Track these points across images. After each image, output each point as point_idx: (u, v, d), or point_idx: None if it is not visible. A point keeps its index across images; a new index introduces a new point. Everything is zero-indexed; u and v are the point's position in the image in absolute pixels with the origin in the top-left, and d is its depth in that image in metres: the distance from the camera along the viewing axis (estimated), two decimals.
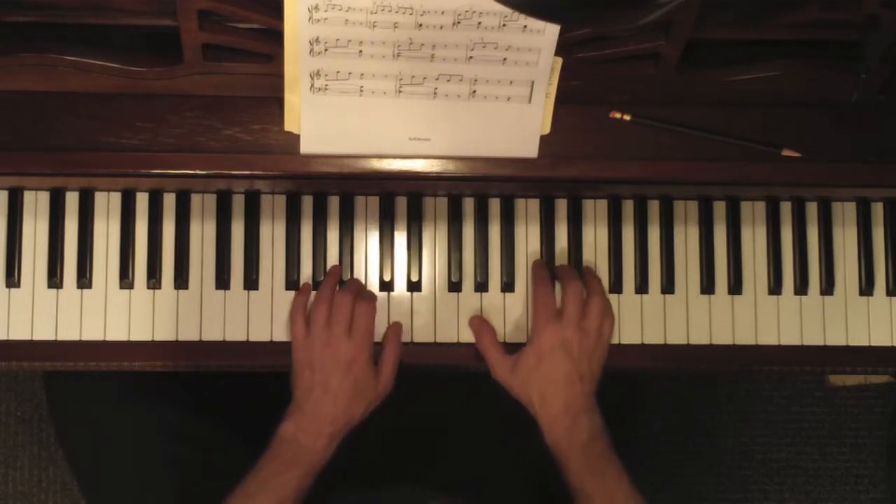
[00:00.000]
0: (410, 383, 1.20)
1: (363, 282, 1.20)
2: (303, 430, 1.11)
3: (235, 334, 1.19)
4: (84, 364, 1.18)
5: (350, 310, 1.14)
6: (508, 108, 1.10)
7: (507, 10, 0.99)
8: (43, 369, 1.25)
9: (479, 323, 1.19)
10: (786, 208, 1.24)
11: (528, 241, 1.22)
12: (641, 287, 1.22)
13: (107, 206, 1.19)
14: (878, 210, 1.25)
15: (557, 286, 1.18)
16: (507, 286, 1.21)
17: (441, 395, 1.33)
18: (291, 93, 1.08)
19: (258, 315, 1.19)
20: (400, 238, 1.21)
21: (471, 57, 1.05)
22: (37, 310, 1.17)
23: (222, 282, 1.19)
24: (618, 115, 1.13)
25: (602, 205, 1.22)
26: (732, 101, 1.13)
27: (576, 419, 1.12)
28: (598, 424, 1.13)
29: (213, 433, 1.30)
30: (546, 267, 1.20)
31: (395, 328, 1.19)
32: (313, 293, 1.18)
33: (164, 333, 1.18)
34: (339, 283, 1.19)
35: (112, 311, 1.18)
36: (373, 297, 1.19)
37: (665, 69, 1.10)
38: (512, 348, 1.17)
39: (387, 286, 1.21)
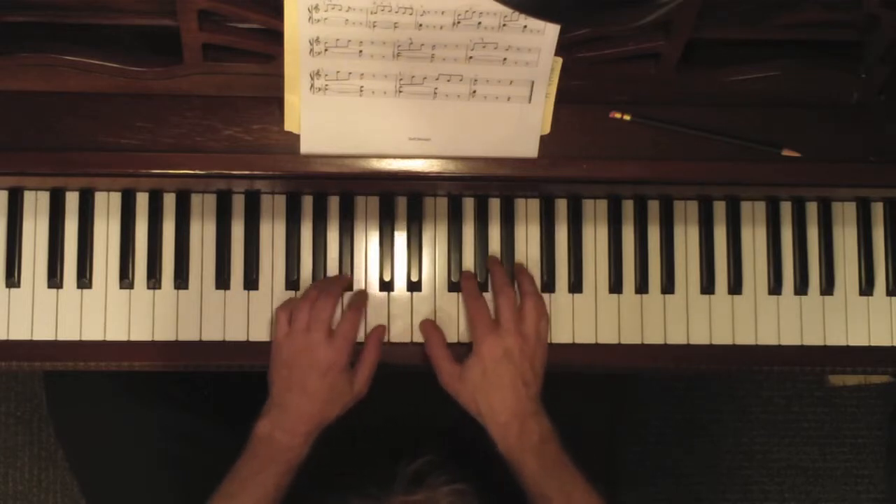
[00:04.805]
0: (411, 383, 1.19)
1: (363, 282, 1.20)
2: (280, 428, 1.12)
3: (235, 334, 1.19)
4: (84, 364, 1.18)
5: (331, 315, 1.14)
6: (508, 107, 1.10)
7: (507, 10, 0.99)
8: (43, 369, 1.25)
9: (429, 328, 1.19)
10: (786, 208, 1.24)
11: (528, 241, 1.22)
12: (641, 287, 1.22)
13: (107, 206, 1.19)
14: (878, 210, 1.25)
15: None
16: None
17: (441, 395, 1.33)
18: (291, 93, 1.08)
19: (258, 315, 1.19)
20: (400, 238, 1.21)
21: (471, 57, 1.05)
22: (37, 310, 1.17)
23: (222, 282, 1.19)
24: (618, 115, 1.13)
25: (602, 205, 1.22)
26: (732, 101, 1.13)
27: (524, 423, 1.13)
28: (546, 426, 1.14)
29: (212, 433, 1.29)
30: (473, 277, 1.20)
31: (377, 332, 1.19)
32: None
33: (164, 333, 1.18)
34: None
35: (112, 311, 1.18)
36: (361, 302, 1.18)
37: (665, 69, 1.10)
38: None
39: (387, 286, 1.21)
